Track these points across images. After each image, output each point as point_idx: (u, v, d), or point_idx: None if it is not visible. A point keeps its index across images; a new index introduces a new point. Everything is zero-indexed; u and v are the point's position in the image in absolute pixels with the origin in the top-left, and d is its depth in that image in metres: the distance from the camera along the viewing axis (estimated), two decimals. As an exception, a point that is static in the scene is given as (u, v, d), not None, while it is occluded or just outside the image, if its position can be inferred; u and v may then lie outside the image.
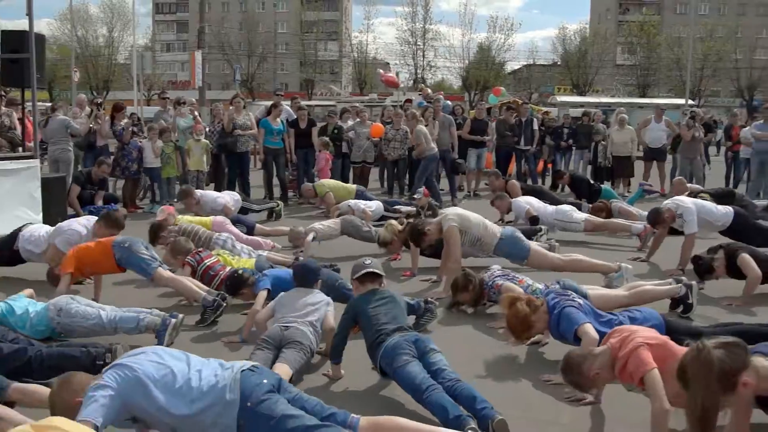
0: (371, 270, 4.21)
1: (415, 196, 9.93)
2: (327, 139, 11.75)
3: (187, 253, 5.78)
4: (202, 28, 28.76)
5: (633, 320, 4.22)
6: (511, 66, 61.61)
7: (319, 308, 4.36)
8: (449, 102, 15.42)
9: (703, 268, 5.96)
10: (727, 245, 6.06)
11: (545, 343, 4.66)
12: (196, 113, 12.04)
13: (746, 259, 5.70)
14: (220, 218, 7.60)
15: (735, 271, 5.79)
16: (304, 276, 4.60)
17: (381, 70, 31.40)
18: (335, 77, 63.68)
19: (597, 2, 70.80)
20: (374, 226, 7.90)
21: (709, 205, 7.10)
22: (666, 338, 3.48)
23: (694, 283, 5.35)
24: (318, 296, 4.47)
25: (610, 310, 4.63)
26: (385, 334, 3.81)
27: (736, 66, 53.02)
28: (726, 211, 6.96)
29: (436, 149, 11.21)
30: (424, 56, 56.49)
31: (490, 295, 5.37)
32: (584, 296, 4.67)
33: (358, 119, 12.83)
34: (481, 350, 4.64)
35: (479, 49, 56.21)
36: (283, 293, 4.56)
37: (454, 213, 6.34)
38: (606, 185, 11.86)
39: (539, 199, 8.98)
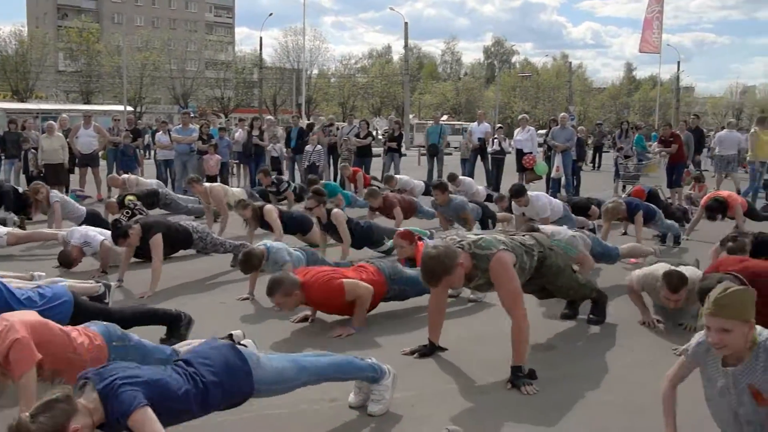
0: None
1: None
2: None
3: None
4: None
5: (42, 296, 4.34)
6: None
7: None
8: None
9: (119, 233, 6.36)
10: (143, 221, 6.59)
11: None
12: None
13: (155, 240, 6.25)
14: None
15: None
16: None
17: None
18: None
19: (34, 5, 66.95)
20: None
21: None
22: (47, 321, 3.50)
23: (112, 284, 5.61)
24: None
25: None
26: None
27: (171, 76, 56.73)
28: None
29: None
30: None
31: None
32: None
33: None
34: None
35: None
36: None
37: None
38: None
39: None
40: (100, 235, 7.11)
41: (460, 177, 11.74)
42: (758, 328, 2.92)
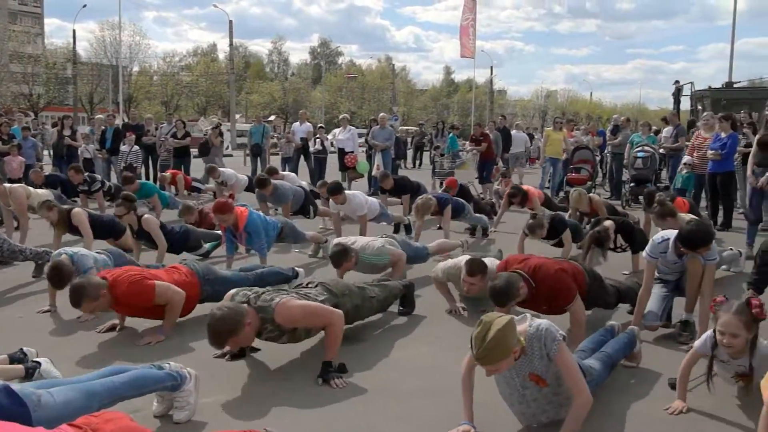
0: None
1: None
2: None
3: None
4: None
5: None
6: None
7: None
8: None
9: None
10: None
11: None
12: None
13: None
14: None
15: None
16: None
17: None
18: None
19: None
20: None
21: None
22: None
23: None
24: None
25: None
26: None
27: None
28: None
29: None
30: None
31: None
32: None
33: None
34: None
35: None
36: None
37: None
38: None
39: None
40: None
41: (282, 172, 11.76)
42: (528, 319, 3.27)
